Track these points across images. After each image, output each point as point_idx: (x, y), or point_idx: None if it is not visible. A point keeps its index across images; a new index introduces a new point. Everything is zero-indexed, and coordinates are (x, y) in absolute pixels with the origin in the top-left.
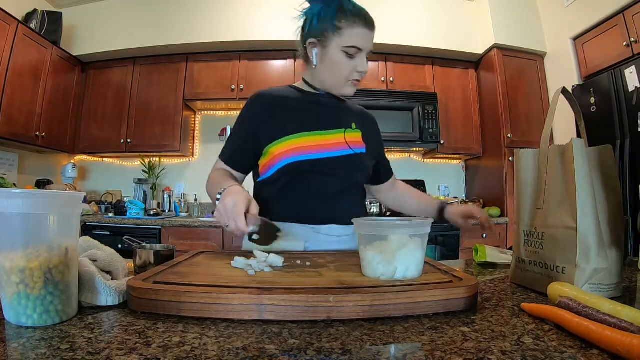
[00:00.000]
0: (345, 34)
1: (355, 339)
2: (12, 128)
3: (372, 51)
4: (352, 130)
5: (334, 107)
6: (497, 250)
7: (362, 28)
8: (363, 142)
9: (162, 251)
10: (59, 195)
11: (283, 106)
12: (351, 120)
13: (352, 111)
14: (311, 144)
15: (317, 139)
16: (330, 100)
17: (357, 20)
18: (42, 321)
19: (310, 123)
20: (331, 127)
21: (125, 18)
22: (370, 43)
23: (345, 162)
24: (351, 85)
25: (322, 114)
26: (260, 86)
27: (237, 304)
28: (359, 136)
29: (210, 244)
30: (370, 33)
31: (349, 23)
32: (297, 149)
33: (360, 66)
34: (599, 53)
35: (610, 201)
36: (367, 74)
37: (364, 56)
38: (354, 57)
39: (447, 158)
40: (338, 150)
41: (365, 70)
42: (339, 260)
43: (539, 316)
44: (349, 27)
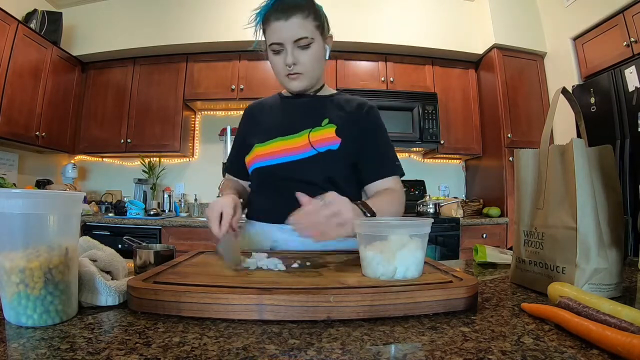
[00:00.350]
0: (267, 34)
1: (355, 339)
2: (12, 128)
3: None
4: (320, 127)
5: (308, 106)
6: (497, 250)
7: (274, 22)
8: (336, 137)
9: (162, 251)
10: (59, 195)
11: (261, 114)
12: (325, 115)
13: (336, 105)
14: (275, 149)
15: (283, 143)
16: (307, 101)
17: (270, 17)
18: (42, 321)
19: (281, 128)
20: (299, 129)
21: (125, 18)
22: (290, 32)
23: (307, 163)
24: (289, 79)
25: (293, 117)
26: (260, 86)
27: (237, 304)
28: (331, 131)
29: (210, 244)
30: (285, 22)
31: (266, 22)
32: (263, 154)
33: (286, 59)
34: (599, 53)
35: (610, 201)
36: (367, 74)
37: (288, 47)
38: (280, 52)
39: (447, 158)
40: (301, 152)
41: (289, 61)
42: (339, 260)
43: (539, 316)
44: (267, 26)
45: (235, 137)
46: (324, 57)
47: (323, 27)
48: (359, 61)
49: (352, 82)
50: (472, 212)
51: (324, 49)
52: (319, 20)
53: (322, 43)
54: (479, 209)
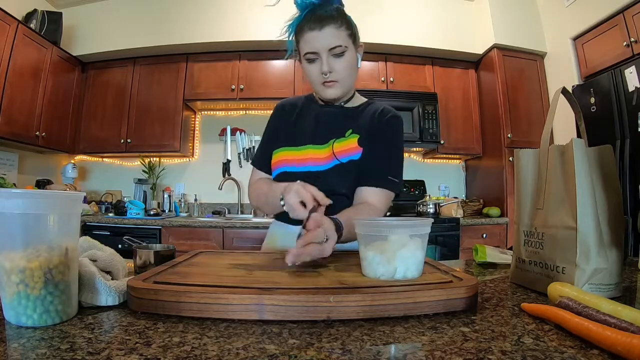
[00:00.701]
0: (300, 44)
1: (355, 339)
2: (12, 128)
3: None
4: (344, 138)
5: (336, 117)
6: (497, 250)
7: (308, 32)
8: (358, 147)
9: (162, 251)
10: (59, 195)
11: (292, 116)
12: (350, 126)
13: (360, 116)
14: (304, 157)
15: (309, 152)
16: (334, 111)
17: (304, 27)
18: (42, 321)
19: (310, 136)
20: (326, 140)
21: (125, 18)
22: (324, 41)
23: (330, 174)
24: (325, 87)
25: (321, 126)
26: (260, 86)
27: (237, 304)
28: (354, 141)
29: (210, 244)
30: (320, 32)
31: (300, 33)
32: (289, 160)
33: (322, 67)
34: (599, 53)
35: (610, 201)
36: (367, 74)
37: (324, 56)
38: (315, 61)
39: (447, 158)
40: (326, 163)
41: (325, 69)
42: (339, 260)
43: (539, 316)
44: (300, 37)
45: (266, 131)
46: (356, 65)
47: (355, 36)
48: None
49: None
50: (472, 212)
51: (357, 58)
52: (350, 29)
53: (354, 51)
54: (479, 209)
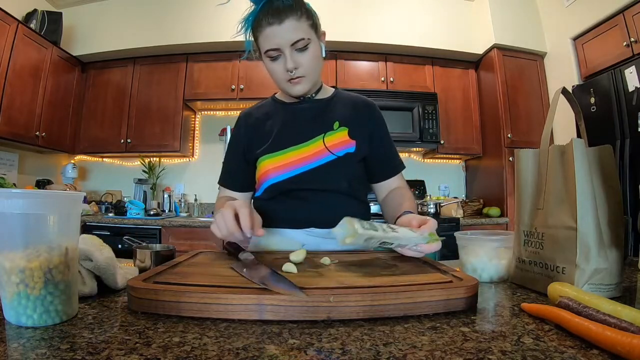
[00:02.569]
0: (260, 40)
1: (355, 339)
2: (12, 128)
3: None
4: (333, 132)
5: (314, 112)
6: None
7: (268, 27)
8: (350, 139)
9: (162, 251)
10: (59, 195)
11: (263, 124)
12: (335, 118)
13: (340, 106)
14: (291, 160)
15: (296, 153)
16: (311, 105)
17: (262, 22)
18: (42, 321)
19: (290, 138)
20: (311, 136)
21: (125, 18)
22: (286, 35)
23: (328, 169)
24: (292, 84)
25: (301, 123)
26: (260, 86)
27: (237, 304)
28: (344, 134)
29: (210, 244)
30: (280, 26)
31: (258, 28)
32: (276, 168)
33: (286, 64)
34: (599, 53)
35: (610, 201)
36: (367, 74)
37: (287, 52)
38: (277, 58)
39: (447, 158)
40: (319, 159)
41: (290, 67)
42: (339, 260)
43: (539, 316)
44: (259, 33)
45: (232, 148)
46: (321, 56)
47: (316, 25)
48: (359, 61)
49: (352, 82)
50: (472, 212)
51: (321, 48)
52: (311, 18)
53: (317, 42)
54: (479, 209)
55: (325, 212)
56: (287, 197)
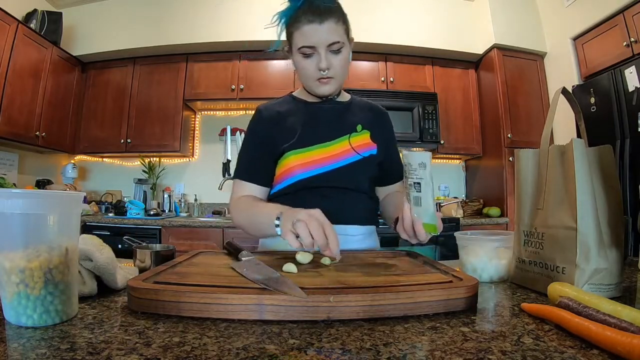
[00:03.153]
0: (295, 36)
1: (355, 339)
2: (12, 128)
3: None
4: (357, 133)
5: (337, 113)
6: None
7: (307, 25)
8: (372, 142)
9: (162, 251)
10: (59, 195)
11: (286, 120)
12: (357, 121)
13: (358, 111)
14: (318, 157)
15: (323, 151)
16: (333, 106)
17: (301, 19)
18: (42, 321)
19: (315, 136)
20: (336, 136)
21: (125, 18)
22: (324, 36)
23: (354, 169)
24: (320, 84)
25: (325, 123)
26: (260, 86)
27: (237, 304)
28: (367, 137)
29: (210, 244)
30: (320, 26)
31: (295, 24)
32: (304, 164)
33: (320, 63)
34: (599, 53)
35: (610, 201)
36: (367, 74)
37: (322, 52)
38: (311, 56)
39: (447, 158)
40: (345, 158)
41: (324, 66)
42: (339, 260)
43: (539, 316)
44: (296, 29)
45: (252, 141)
46: (349, 60)
47: (349, 30)
48: (359, 61)
49: (352, 82)
50: (472, 212)
51: (350, 53)
52: (346, 24)
53: (349, 47)
54: (479, 209)
55: (345, 210)
56: (309, 194)
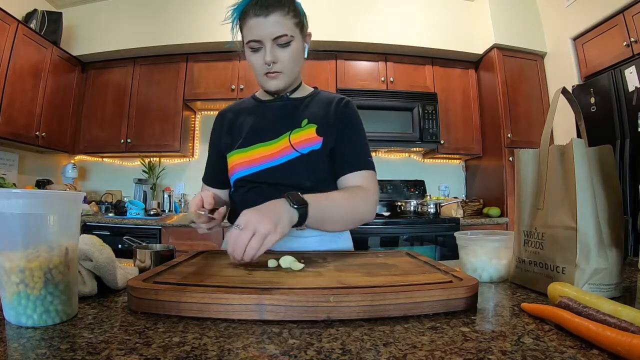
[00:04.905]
0: (244, 30)
1: (355, 339)
2: (12, 128)
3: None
4: (300, 129)
5: (286, 110)
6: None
7: (253, 18)
8: (318, 136)
9: (162, 251)
10: (59, 195)
11: (236, 121)
12: (304, 116)
13: (312, 105)
14: (257, 156)
15: (263, 149)
16: (284, 103)
17: (249, 13)
18: (42, 321)
19: (259, 135)
20: (279, 134)
21: (125, 18)
22: (269, 29)
23: (291, 166)
24: (268, 78)
25: (271, 121)
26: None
27: (237, 304)
28: (312, 131)
29: (210, 244)
30: (265, 19)
31: (244, 19)
32: (243, 163)
33: (265, 57)
34: (599, 53)
35: (610, 201)
36: (367, 74)
37: (267, 45)
38: (258, 50)
39: (447, 158)
40: (283, 156)
41: (269, 60)
42: (339, 260)
43: (539, 316)
44: (244, 23)
45: (211, 144)
46: (302, 55)
47: (302, 24)
48: (359, 61)
49: (352, 82)
50: (472, 212)
51: (303, 48)
52: (298, 17)
53: (301, 41)
54: (479, 209)
55: None
56: (251, 192)
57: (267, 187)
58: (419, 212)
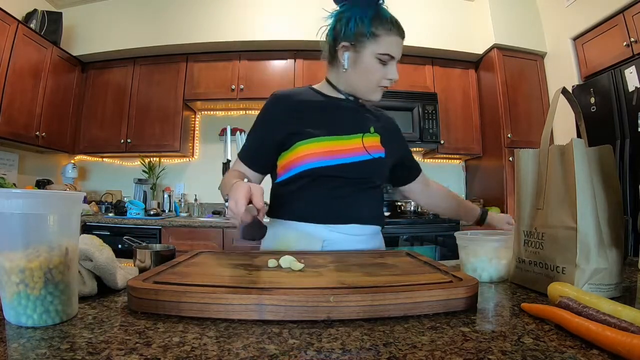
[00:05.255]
0: (381, 41)
1: (355, 339)
2: (12, 128)
3: None
4: (370, 134)
5: (353, 112)
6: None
7: (397, 36)
8: (382, 146)
9: (162, 251)
10: (59, 195)
11: (303, 109)
12: (369, 124)
13: (371, 115)
14: (331, 149)
15: (337, 143)
16: (350, 105)
17: (393, 29)
18: (42, 321)
19: (331, 127)
20: (350, 132)
21: (125, 18)
22: (401, 51)
23: (363, 167)
24: (380, 91)
25: (342, 118)
26: (260, 86)
27: (237, 304)
28: (377, 140)
29: (211, 244)
30: (402, 41)
31: (386, 30)
32: (317, 153)
33: (390, 73)
34: (599, 53)
35: (610, 201)
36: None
37: (394, 63)
38: (386, 64)
39: (447, 158)
40: (356, 155)
41: (395, 77)
42: (339, 260)
43: (539, 316)
44: (386, 35)
45: (264, 124)
46: None
47: None
48: None
49: None
50: None
51: None
52: None
53: None
54: None
55: (352, 206)
56: (317, 187)
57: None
58: (419, 212)
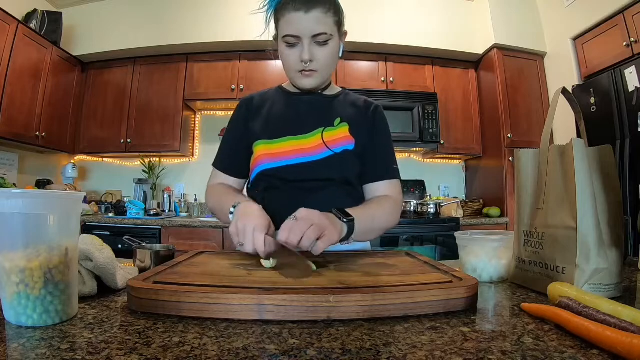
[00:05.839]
0: (280, 23)
1: (355, 339)
2: (12, 128)
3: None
4: (333, 127)
5: (318, 106)
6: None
7: (293, 13)
8: (350, 137)
9: (162, 251)
10: (59, 195)
11: (264, 109)
12: (337, 115)
13: (343, 105)
14: (286, 150)
15: (292, 143)
16: (315, 98)
17: (288, 6)
18: (42, 321)
19: (287, 127)
20: (310, 129)
21: (125, 18)
22: (309, 25)
23: (323, 164)
24: (302, 76)
25: (303, 115)
26: (260, 86)
27: (237, 304)
28: (345, 131)
29: (211, 244)
30: (305, 15)
31: (282, 11)
32: (270, 155)
33: (302, 54)
34: (599, 53)
35: (610, 201)
36: (367, 74)
37: (306, 42)
38: (295, 46)
39: (447, 158)
40: (316, 153)
41: (306, 58)
42: (339, 260)
43: (539, 316)
44: (282, 16)
45: (231, 130)
46: (338, 54)
47: (341, 23)
48: (359, 61)
49: (352, 82)
50: (472, 212)
51: (340, 47)
52: (338, 15)
53: (338, 40)
54: (479, 209)
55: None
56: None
57: (293, 183)
58: (419, 212)
